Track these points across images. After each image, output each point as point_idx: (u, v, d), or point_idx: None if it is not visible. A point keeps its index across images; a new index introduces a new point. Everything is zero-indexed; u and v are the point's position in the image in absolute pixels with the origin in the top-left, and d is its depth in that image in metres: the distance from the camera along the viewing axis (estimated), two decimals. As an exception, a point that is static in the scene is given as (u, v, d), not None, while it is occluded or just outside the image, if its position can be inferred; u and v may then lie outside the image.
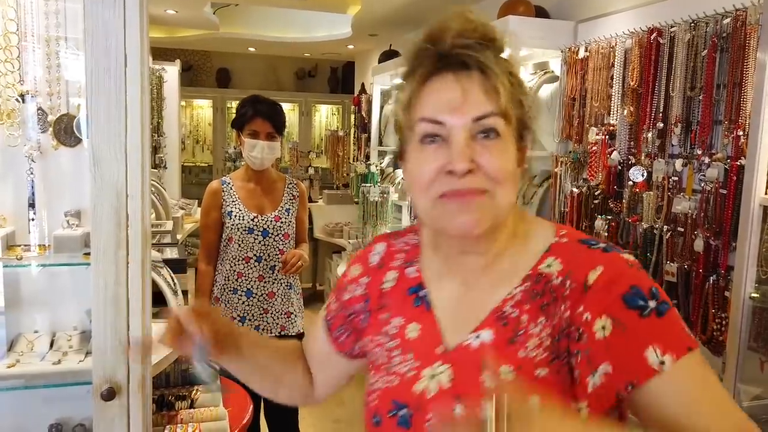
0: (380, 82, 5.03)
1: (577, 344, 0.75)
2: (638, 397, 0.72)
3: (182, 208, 4.90)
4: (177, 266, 2.31)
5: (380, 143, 5.14)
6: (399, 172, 4.38)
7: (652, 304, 0.72)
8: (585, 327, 0.74)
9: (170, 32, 6.09)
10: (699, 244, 2.05)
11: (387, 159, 5.04)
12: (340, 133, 6.21)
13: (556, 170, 2.81)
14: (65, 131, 1.63)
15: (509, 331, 0.80)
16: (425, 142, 0.79)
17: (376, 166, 4.76)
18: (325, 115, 8.39)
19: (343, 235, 5.18)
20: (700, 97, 2.08)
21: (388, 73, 4.53)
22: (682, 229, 2.13)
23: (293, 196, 2.63)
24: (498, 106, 0.77)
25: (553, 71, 3.04)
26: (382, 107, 5.11)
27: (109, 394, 1.41)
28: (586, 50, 2.65)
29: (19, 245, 1.64)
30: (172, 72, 5.36)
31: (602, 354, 0.72)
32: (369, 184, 4.32)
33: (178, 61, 5.65)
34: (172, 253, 2.68)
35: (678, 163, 2.16)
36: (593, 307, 0.74)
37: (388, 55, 4.79)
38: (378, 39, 5.48)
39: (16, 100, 1.59)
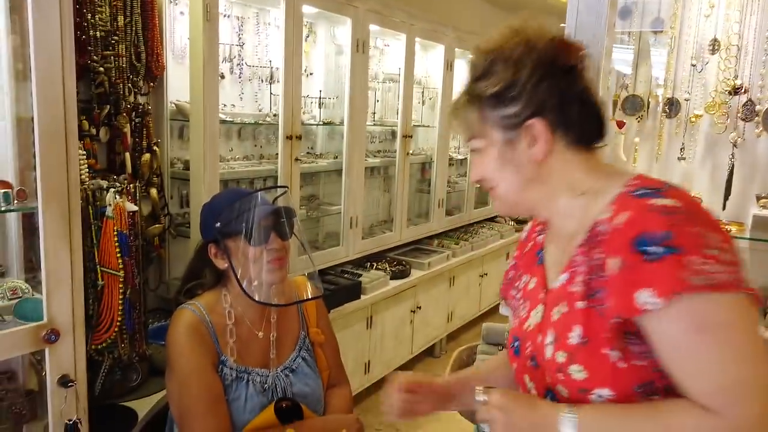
0: None
1: (599, 281, 0.83)
2: (641, 329, 0.78)
3: None
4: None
5: None
6: None
7: (655, 249, 0.75)
8: (603, 267, 0.82)
9: None
10: None
11: None
12: None
13: None
14: (768, 121, 1.77)
15: (574, 273, 0.90)
16: None
17: None
18: None
19: None
20: None
21: None
22: None
23: None
24: (466, 133, 0.98)
25: None
26: None
27: None
28: None
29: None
30: None
31: (608, 288, 0.80)
32: None
33: None
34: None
35: None
36: (611, 248, 0.81)
37: None
38: None
39: (729, 93, 1.82)
